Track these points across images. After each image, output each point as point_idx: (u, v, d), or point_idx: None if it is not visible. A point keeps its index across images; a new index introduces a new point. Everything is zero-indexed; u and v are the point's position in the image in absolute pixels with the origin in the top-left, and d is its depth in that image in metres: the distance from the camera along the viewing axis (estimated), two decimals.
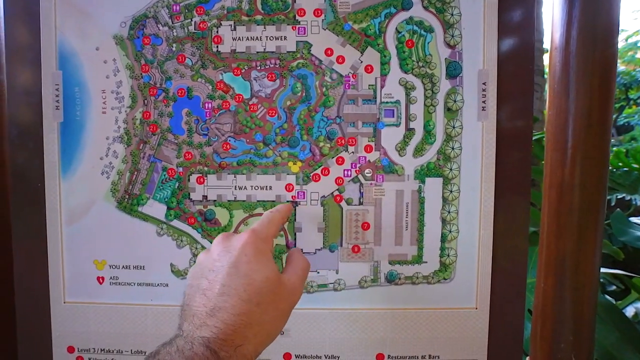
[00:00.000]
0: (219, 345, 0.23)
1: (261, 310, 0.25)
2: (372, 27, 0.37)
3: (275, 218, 0.31)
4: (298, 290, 0.28)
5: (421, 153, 0.38)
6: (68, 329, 0.40)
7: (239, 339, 0.24)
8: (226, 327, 0.24)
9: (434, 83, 0.37)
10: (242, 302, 0.25)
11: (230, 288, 0.25)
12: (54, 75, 0.39)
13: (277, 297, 0.26)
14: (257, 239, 0.28)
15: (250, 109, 0.38)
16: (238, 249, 0.27)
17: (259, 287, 0.25)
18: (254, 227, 0.29)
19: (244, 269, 0.26)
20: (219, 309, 0.24)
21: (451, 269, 0.39)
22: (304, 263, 0.30)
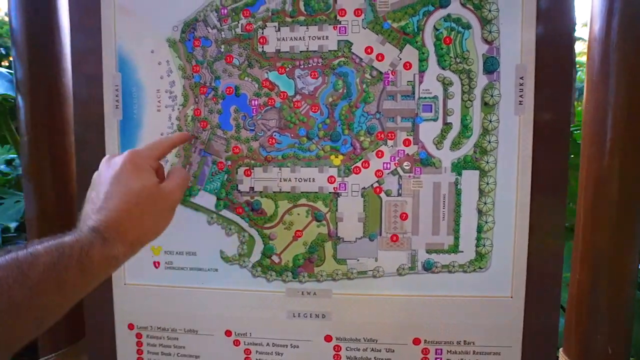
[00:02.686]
0: (103, 228, 0.28)
1: (140, 209, 0.30)
2: (411, 25, 0.39)
3: (159, 143, 0.35)
4: (175, 194, 0.33)
5: (458, 146, 0.39)
6: (128, 307, 0.44)
7: (122, 228, 0.28)
8: (108, 219, 0.28)
9: (471, 78, 0.39)
10: (122, 203, 0.29)
11: (112, 193, 0.30)
12: (114, 77, 0.42)
13: (155, 200, 0.31)
14: (135, 156, 0.32)
15: (295, 106, 0.40)
16: (119, 165, 0.31)
17: (137, 192, 0.30)
18: (136, 149, 0.34)
19: (124, 179, 0.31)
20: (103, 208, 0.29)
21: (487, 258, 0.40)
22: (183, 175, 0.35)
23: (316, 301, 0.42)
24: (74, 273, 0.25)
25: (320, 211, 0.41)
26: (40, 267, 0.23)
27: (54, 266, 0.24)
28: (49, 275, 0.24)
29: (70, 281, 0.25)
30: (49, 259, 0.24)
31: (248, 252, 0.42)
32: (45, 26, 0.46)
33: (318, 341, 0.42)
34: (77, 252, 0.25)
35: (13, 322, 0.22)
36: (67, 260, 0.24)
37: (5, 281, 0.22)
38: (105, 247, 0.27)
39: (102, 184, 0.31)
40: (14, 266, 0.23)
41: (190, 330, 0.44)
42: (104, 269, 0.27)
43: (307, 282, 0.42)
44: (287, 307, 0.42)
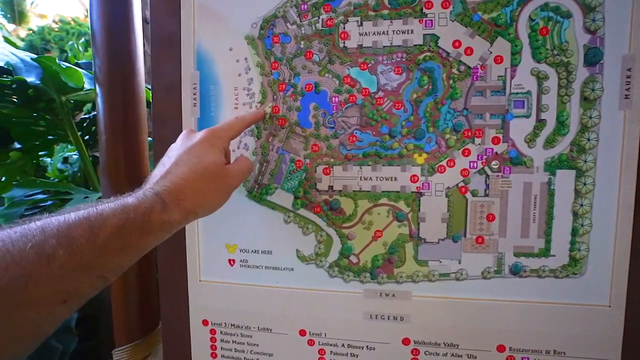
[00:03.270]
0: (165, 194, 0.29)
1: (203, 181, 0.32)
2: (503, 16, 0.37)
3: (235, 124, 0.37)
4: (236, 177, 0.35)
5: (552, 145, 0.37)
6: (203, 304, 0.45)
7: (182, 195, 0.30)
8: (172, 185, 0.30)
9: (570, 72, 0.36)
10: (189, 171, 0.31)
11: (183, 161, 0.32)
12: (193, 75, 0.43)
13: (219, 177, 0.33)
14: (213, 136, 0.34)
15: (377, 102, 0.39)
16: (197, 139, 0.34)
17: (205, 165, 0.32)
18: (214, 127, 0.35)
19: (198, 151, 0.33)
20: (171, 173, 0.31)
21: (582, 263, 0.38)
22: (247, 164, 0.36)
23: (395, 303, 0.41)
24: (136, 236, 0.27)
25: (401, 211, 0.40)
26: (108, 228, 0.25)
27: (120, 229, 0.26)
28: (115, 237, 0.26)
29: (132, 243, 0.27)
30: (115, 221, 0.26)
31: (325, 251, 0.41)
32: (123, 27, 0.47)
33: (395, 344, 0.41)
34: (139, 216, 0.27)
35: (83, 278, 0.24)
36: (131, 224, 0.26)
37: (79, 240, 0.24)
38: (164, 212, 0.29)
39: (176, 151, 0.34)
40: (86, 226, 0.25)
41: (264, 328, 0.44)
42: (160, 232, 0.29)
43: (386, 284, 0.41)
44: (364, 309, 0.41)
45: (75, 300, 0.25)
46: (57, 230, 0.24)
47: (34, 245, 0.22)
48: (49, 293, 0.23)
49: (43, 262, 0.22)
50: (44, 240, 0.23)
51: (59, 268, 0.23)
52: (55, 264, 0.23)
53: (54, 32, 3.41)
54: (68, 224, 0.24)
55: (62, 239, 0.23)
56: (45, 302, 0.23)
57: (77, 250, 0.24)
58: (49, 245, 0.23)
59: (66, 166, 1.08)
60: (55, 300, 0.23)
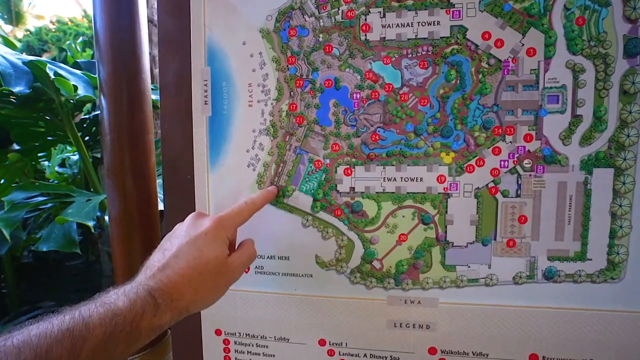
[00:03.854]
0: (159, 294, 0.28)
1: (201, 279, 0.31)
2: (536, 5, 0.34)
3: (244, 210, 0.36)
4: (237, 272, 0.34)
5: (589, 142, 0.35)
6: (215, 313, 0.43)
7: (176, 294, 0.29)
8: (169, 282, 0.29)
9: (608, 64, 0.34)
10: (188, 267, 0.30)
11: (184, 253, 0.31)
12: (203, 72, 0.40)
13: (218, 273, 0.32)
14: (219, 226, 0.33)
15: (401, 99, 0.37)
16: (202, 229, 0.33)
17: (206, 260, 0.31)
18: (222, 216, 0.34)
19: (200, 244, 0.32)
20: (169, 267, 0.30)
21: (621, 267, 0.35)
22: (250, 252, 0.35)
23: (421, 310, 0.39)
24: (122, 346, 0.26)
25: (427, 213, 0.37)
26: (92, 342, 0.24)
27: (104, 343, 0.25)
28: (100, 353, 0.24)
29: (118, 354, 0.26)
30: (101, 333, 0.25)
31: (346, 257, 0.39)
32: (127, 25, 0.45)
33: (421, 353, 0.39)
34: (128, 324, 0.26)
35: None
36: (118, 334, 0.25)
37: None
38: (155, 316, 0.28)
39: (179, 238, 0.32)
40: (67, 343, 0.23)
41: (281, 338, 0.42)
42: (147, 337, 0.28)
43: (411, 290, 0.38)
44: (388, 316, 0.39)
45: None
46: (35, 350, 0.22)
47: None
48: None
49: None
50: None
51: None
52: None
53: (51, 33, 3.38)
54: (48, 342, 0.23)
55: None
56: None
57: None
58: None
59: (64, 169, 1.06)
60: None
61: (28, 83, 0.65)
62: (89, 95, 0.67)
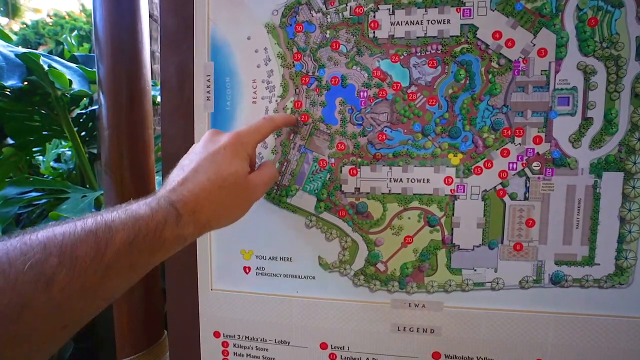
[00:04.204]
0: (180, 205, 0.28)
1: (221, 193, 0.30)
2: (549, 5, 0.34)
3: (263, 126, 0.34)
4: (258, 189, 0.33)
5: (599, 145, 0.34)
6: (215, 314, 0.42)
7: (198, 207, 0.28)
8: (189, 194, 0.28)
9: (620, 66, 0.33)
10: (207, 181, 0.29)
11: (203, 168, 0.30)
12: (206, 67, 0.39)
13: (239, 189, 0.31)
14: (238, 141, 0.32)
15: (409, 98, 0.36)
16: (220, 144, 0.31)
17: (225, 175, 0.30)
18: (240, 131, 0.33)
19: (219, 159, 0.31)
20: (189, 180, 0.29)
21: (629, 272, 0.35)
22: (272, 172, 0.34)
23: (425, 314, 0.38)
24: (146, 253, 0.25)
25: (434, 215, 0.37)
26: (116, 245, 0.23)
27: (129, 246, 0.24)
28: (124, 256, 0.24)
29: (141, 261, 0.25)
30: (125, 236, 0.24)
31: (350, 259, 0.38)
32: (127, 19, 0.44)
33: (425, 358, 0.38)
34: (151, 231, 0.25)
35: (85, 303, 0.22)
36: (141, 239, 0.25)
37: (84, 260, 0.21)
38: (178, 226, 0.27)
39: (198, 154, 0.31)
40: (92, 242, 0.22)
41: (281, 341, 0.41)
42: (172, 247, 0.27)
43: (415, 293, 0.38)
44: (392, 320, 0.38)
45: (76, 324, 0.22)
46: (60, 247, 0.21)
47: (33, 265, 0.20)
48: (46, 322, 0.20)
49: (41, 287, 0.20)
50: (44, 259, 0.20)
51: (59, 292, 0.20)
52: (55, 288, 0.20)
53: (48, 27, 3.33)
54: (72, 240, 0.22)
55: (65, 258, 0.21)
56: (41, 332, 0.20)
57: (81, 271, 0.21)
58: (49, 266, 0.20)
59: (60, 164, 1.04)
60: (53, 328, 0.21)
61: (21, 76, 0.64)
62: (83, 90, 0.65)
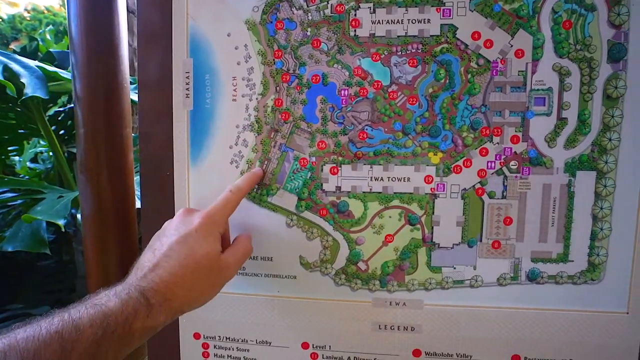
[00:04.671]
0: (152, 294, 0.27)
1: (194, 277, 0.30)
2: (525, 7, 0.34)
3: (231, 200, 0.34)
4: (232, 269, 0.33)
5: (573, 144, 0.35)
6: (194, 315, 0.40)
7: (169, 294, 0.28)
8: (161, 282, 0.28)
9: (593, 68, 0.34)
10: (180, 266, 0.29)
11: (175, 252, 0.30)
12: (185, 63, 0.39)
13: (211, 271, 0.31)
14: (209, 221, 0.32)
15: (390, 97, 0.36)
16: (193, 226, 0.32)
17: (198, 258, 0.30)
18: (210, 211, 0.33)
19: (191, 242, 0.31)
20: (160, 267, 0.29)
21: (600, 269, 0.36)
22: (246, 249, 0.34)
23: (405, 312, 0.38)
24: (114, 349, 0.25)
25: (414, 214, 0.37)
26: (83, 344, 0.23)
27: (96, 345, 0.24)
28: (91, 356, 0.24)
29: (109, 358, 0.25)
30: (92, 334, 0.24)
31: (331, 258, 0.38)
32: (104, 12, 0.42)
33: (406, 355, 0.39)
34: (120, 326, 0.25)
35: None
36: (109, 337, 0.24)
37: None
38: (149, 317, 0.27)
39: (169, 237, 0.31)
40: (57, 345, 0.22)
41: (262, 341, 0.40)
42: (140, 339, 0.27)
43: (396, 292, 0.38)
44: (373, 319, 0.38)
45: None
46: (21, 355, 0.21)
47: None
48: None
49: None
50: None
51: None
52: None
53: (26, 21, 3.22)
54: (36, 345, 0.21)
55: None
56: None
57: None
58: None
59: (37, 164, 1.01)
60: None
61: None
62: (37, 96, 0.61)
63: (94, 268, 0.46)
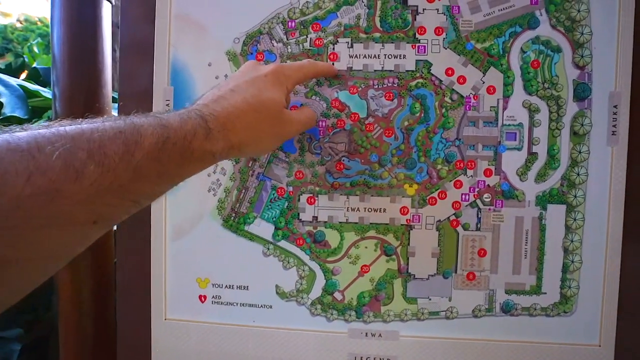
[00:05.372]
0: (212, 119, 0.26)
1: (256, 117, 0.28)
2: (496, 46, 0.36)
3: (306, 67, 0.34)
4: (294, 125, 0.32)
5: (544, 178, 0.36)
6: (168, 346, 0.40)
7: (229, 125, 0.27)
8: (222, 111, 0.27)
9: (560, 105, 0.36)
10: (243, 102, 0.28)
11: (241, 89, 0.29)
12: (166, 91, 0.39)
13: (274, 117, 0.30)
14: (281, 72, 0.31)
15: (366, 129, 0.37)
16: (262, 72, 0.30)
17: (263, 100, 0.29)
18: (283, 64, 0.32)
19: (259, 84, 0.29)
20: (223, 98, 0.28)
21: (572, 301, 0.36)
22: (311, 114, 0.34)
23: (381, 344, 0.38)
24: (174, 162, 0.24)
25: (390, 245, 0.37)
26: (145, 149, 0.22)
27: (158, 152, 0.22)
28: (152, 161, 0.22)
29: (170, 170, 0.24)
30: (154, 141, 0.22)
31: (307, 287, 0.38)
32: (89, 37, 0.43)
33: None
34: (180, 140, 0.24)
35: (115, 201, 0.21)
36: (170, 147, 0.23)
37: (113, 158, 0.20)
38: (207, 140, 0.25)
39: (236, 78, 0.30)
40: (120, 142, 0.21)
41: None
42: (200, 162, 0.26)
43: (372, 323, 0.38)
44: (349, 350, 0.38)
45: (106, 222, 0.22)
46: (88, 142, 0.20)
47: (61, 155, 0.18)
48: (77, 212, 0.19)
49: (71, 177, 0.19)
50: (73, 152, 0.19)
51: (90, 186, 0.19)
52: (85, 181, 0.19)
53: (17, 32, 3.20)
54: (101, 137, 0.20)
55: (94, 153, 0.20)
56: (73, 221, 0.19)
57: (109, 168, 0.20)
58: (78, 159, 0.19)
59: None
60: (85, 220, 0.20)
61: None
62: (15, 116, 0.60)
63: (67, 292, 0.45)
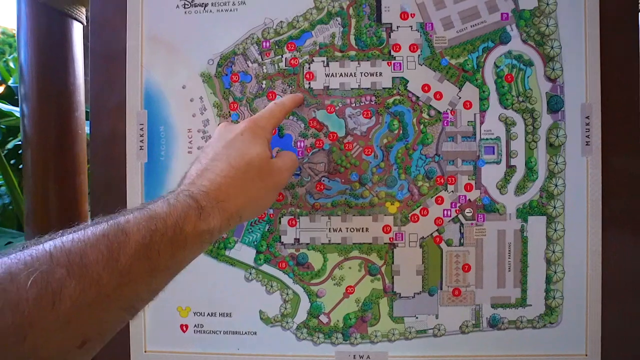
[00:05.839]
0: (202, 196, 0.25)
1: (246, 178, 0.27)
2: (470, 61, 0.36)
3: (276, 111, 0.33)
4: (283, 173, 0.30)
5: (523, 191, 0.36)
6: None
7: (222, 195, 0.26)
8: (211, 184, 0.26)
9: (535, 118, 0.36)
10: (229, 167, 0.27)
11: (222, 155, 0.28)
12: (139, 115, 0.38)
13: (264, 172, 0.29)
14: (255, 125, 0.30)
15: (345, 148, 0.36)
16: (238, 130, 0.30)
17: (249, 159, 0.28)
18: (254, 117, 0.31)
19: (238, 145, 0.29)
20: (208, 170, 0.27)
21: (557, 312, 0.36)
22: (292, 157, 0.32)
23: None
24: (167, 254, 0.22)
25: (374, 264, 0.37)
26: (131, 248, 0.21)
27: (146, 248, 0.21)
28: (140, 260, 0.21)
29: (162, 264, 0.22)
30: (140, 237, 0.21)
31: (292, 311, 0.37)
32: (59, 58, 0.42)
33: None
34: (170, 228, 0.22)
35: (103, 314, 0.20)
36: (159, 239, 0.22)
37: (95, 268, 0.19)
38: (200, 219, 0.24)
39: (214, 146, 0.29)
40: (103, 247, 0.20)
41: None
42: (197, 245, 0.24)
43: (359, 344, 0.37)
44: None
45: (96, 341, 0.20)
46: (67, 255, 0.18)
47: (37, 280, 0.17)
48: (55, 341, 0.18)
49: (47, 304, 0.17)
50: (51, 271, 0.18)
51: (70, 307, 0.18)
52: (64, 305, 0.18)
53: None
54: (82, 246, 0.19)
55: (73, 267, 0.18)
56: (52, 353, 0.18)
57: (92, 281, 0.19)
58: (56, 279, 0.18)
59: None
60: (67, 346, 0.18)
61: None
62: None
63: None
